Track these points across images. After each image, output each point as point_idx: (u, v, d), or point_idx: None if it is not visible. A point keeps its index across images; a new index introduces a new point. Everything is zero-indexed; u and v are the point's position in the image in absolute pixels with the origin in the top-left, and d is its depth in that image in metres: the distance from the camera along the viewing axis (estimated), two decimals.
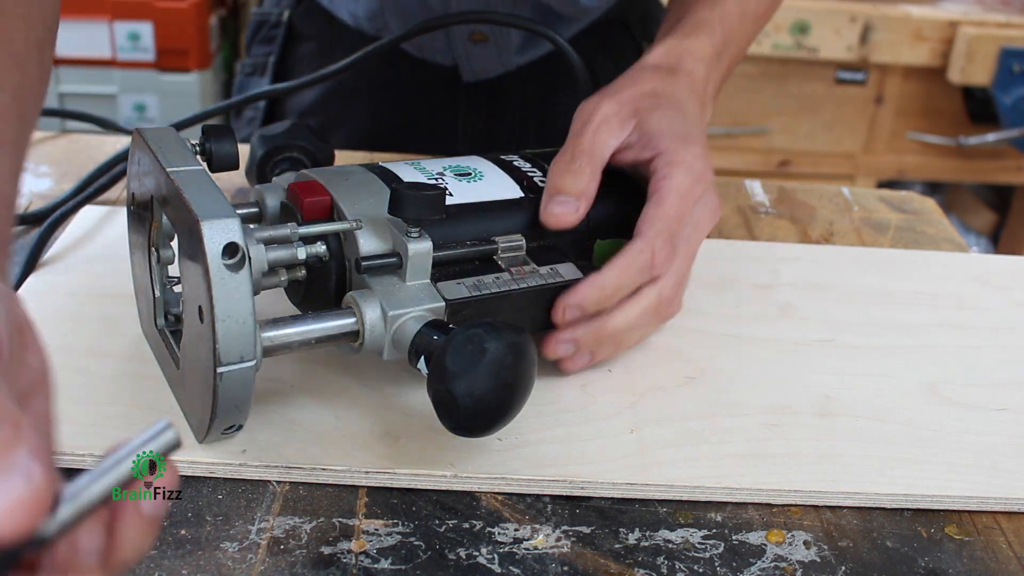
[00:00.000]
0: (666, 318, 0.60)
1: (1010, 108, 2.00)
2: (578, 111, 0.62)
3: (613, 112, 0.60)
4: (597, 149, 0.59)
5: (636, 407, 0.58)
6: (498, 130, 0.96)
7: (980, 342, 0.68)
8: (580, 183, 0.58)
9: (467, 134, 0.96)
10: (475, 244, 0.56)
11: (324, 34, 0.97)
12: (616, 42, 0.88)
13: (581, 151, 0.59)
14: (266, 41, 1.00)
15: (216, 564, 0.46)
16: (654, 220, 0.57)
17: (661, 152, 0.59)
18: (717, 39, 0.68)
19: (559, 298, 0.56)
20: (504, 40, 0.91)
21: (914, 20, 1.99)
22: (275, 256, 0.51)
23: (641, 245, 0.56)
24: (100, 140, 0.88)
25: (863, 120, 2.11)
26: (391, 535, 0.49)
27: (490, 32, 0.90)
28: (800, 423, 0.58)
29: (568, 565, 0.48)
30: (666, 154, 0.59)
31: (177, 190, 0.48)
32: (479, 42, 0.90)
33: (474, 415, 0.47)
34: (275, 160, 0.70)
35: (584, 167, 0.58)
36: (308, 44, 0.98)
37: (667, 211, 0.57)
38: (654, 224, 0.57)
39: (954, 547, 0.51)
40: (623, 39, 0.99)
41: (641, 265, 0.56)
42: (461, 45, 0.91)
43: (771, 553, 0.50)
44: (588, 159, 0.59)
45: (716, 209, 0.60)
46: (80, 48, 1.97)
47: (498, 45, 0.91)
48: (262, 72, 1.00)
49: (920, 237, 0.84)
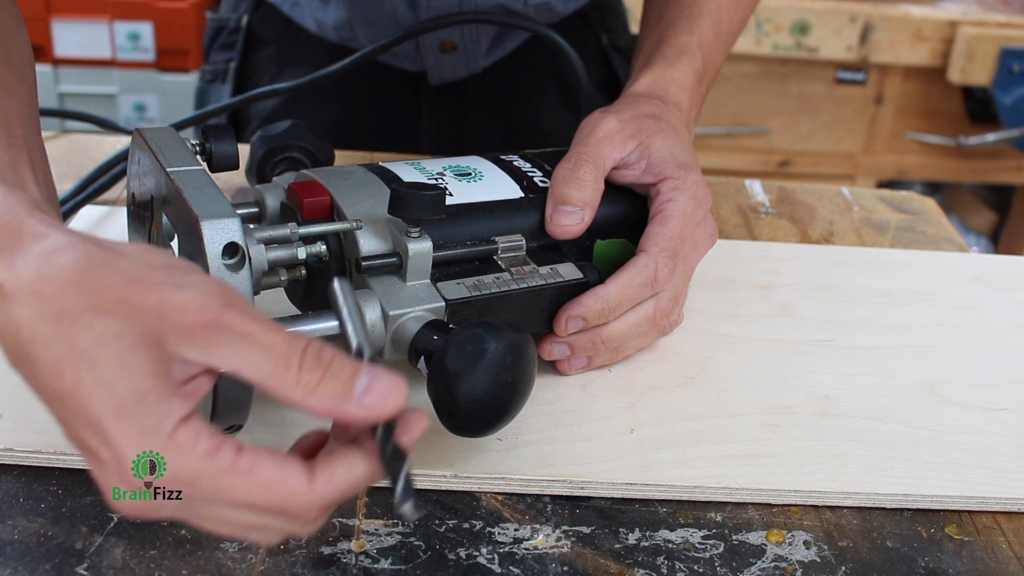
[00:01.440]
0: (664, 330, 0.61)
1: (1010, 108, 2.00)
2: (583, 123, 0.63)
3: (616, 128, 0.61)
4: (600, 160, 0.60)
5: (636, 407, 0.58)
6: (462, 129, 0.97)
7: (980, 342, 0.68)
8: (585, 193, 0.58)
9: (431, 134, 0.97)
10: (475, 244, 0.56)
11: (283, 39, 0.97)
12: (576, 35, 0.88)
13: (585, 160, 0.59)
14: (226, 47, 1.00)
15: (216, 564, 0.46)
16: (658, 238, 0.59)
17: (666, 178, 0.61)
18: (698, 65, 0.69)
19: (562, 308, 0.57)
20: (473, 48, 0.92)
21: (914, 20, 1.99)
22: (275, 256, 0.51)
23: (646, 260, 0.58)
24: (100, 140, 0.88)
25: (863, 120, 2.11)
26: (391, 535, 0.49)
27: (460, 41, 0.91)
28: (800, 423, 0.58)
29: (568, 565, 0.48)
30: (671, 180, 0.61)
31: (177, 190, 0.48)
32: (448, 51, 0.91)
33: (474, 415, 0.47)
34: (275, 160, 0.70)
35: (587, 176, 0.59)
36: (267, 49, 0.98)
37: (671, 230, 0.59)
38: (659, 242, 0.59)
39: (954, 547, 0.51)
40: (583, 32, 0.99)
41: (644, 280, 0.58)
42: (431, 55, 0.91)
43: (771, 553, 0.50)
44: (592, 169, 0.59)
45: (713, 234, 0.63)
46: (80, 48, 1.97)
47: (467, 53, 0.92)
48: (223, 79, 1.00)
49: (920, 237, 0.84)
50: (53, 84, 1.98)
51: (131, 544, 0.47)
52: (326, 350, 0.39)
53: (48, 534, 0.47)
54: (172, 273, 0.39)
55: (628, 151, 0.61)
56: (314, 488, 0.39)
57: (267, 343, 0.38)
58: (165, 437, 0.37)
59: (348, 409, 0.39)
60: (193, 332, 0.38)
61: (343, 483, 0.40)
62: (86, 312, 0.38)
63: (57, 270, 0.39)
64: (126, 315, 0.38)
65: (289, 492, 0.39)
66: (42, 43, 1.94)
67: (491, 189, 0.59)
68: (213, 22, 1.02)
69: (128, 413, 0.37)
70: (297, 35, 0.95)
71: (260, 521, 0.40)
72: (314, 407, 0.39)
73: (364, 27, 0.89)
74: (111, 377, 0.37)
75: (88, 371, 0.37)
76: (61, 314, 0.38)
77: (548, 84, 0.99)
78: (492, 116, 0.97)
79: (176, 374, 0.38)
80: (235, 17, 1.00)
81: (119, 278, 0.39)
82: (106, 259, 0.39)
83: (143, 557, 0.46)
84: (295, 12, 0.94)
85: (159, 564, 0.46)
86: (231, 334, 0.38)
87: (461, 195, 0.58)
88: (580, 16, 0.99)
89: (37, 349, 0.38)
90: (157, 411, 0.37)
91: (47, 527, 0.48)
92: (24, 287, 0.39)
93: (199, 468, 0.38)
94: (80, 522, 0.48)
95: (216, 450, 0.38)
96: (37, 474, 0.51)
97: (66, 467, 0.51)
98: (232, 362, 0.38)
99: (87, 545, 0.47)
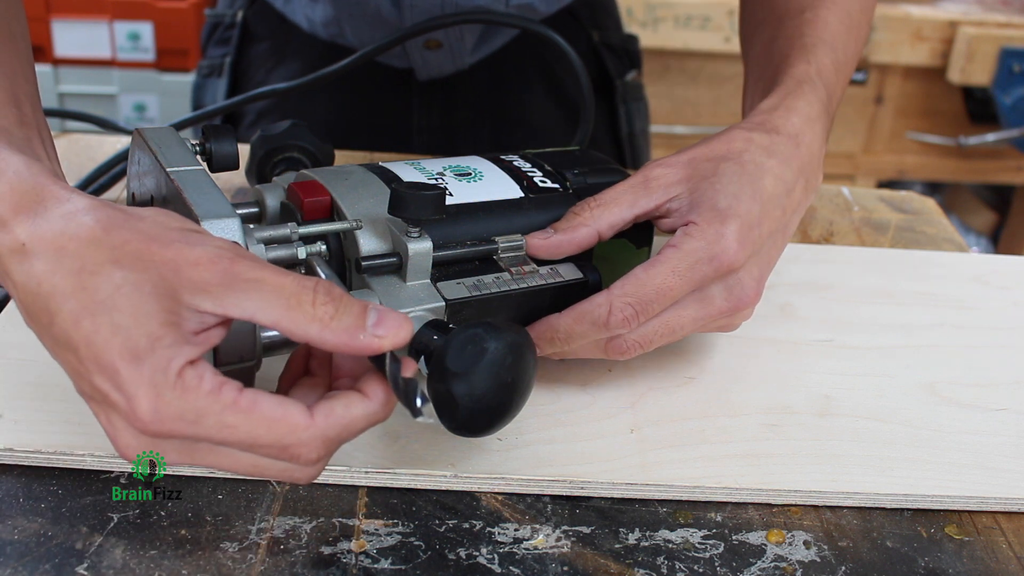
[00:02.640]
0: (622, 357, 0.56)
1: (1010, 108, 2.00)
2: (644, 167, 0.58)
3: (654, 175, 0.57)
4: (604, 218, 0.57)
5: (636, 407, 0.58)
6: (452, 126, 0.97)
7: (980, 342, 0.68)
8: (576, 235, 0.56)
9: (422, 131, 0.97)
10: (475, 244, 0.56)
11: (277, 35, 0.97)
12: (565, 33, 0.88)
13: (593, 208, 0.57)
14: (222, 42, 1.01)
15: (216, 564, 0.46)
16: (628, 285, 0.53)
17: (688, 223, 0.54)
18: (822, 95, 0.62)
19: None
20: (458, 45, 0.92)
21: (914, 20, 1.99)
22: (275, 256, 0.51)
23: (602, 300, 0.53)
24: (100, 140, 0.88)
25: (863, 120, 2.11)
26: (391, 535, 0.49)
27: (444, 39, 0.91)
28: (800, 423, 0.58)
29: (568, 565, 0.48)
30: (691, 226, 0.54)
31: (177, 190, 0.48)
32: (434, 48, 0.91)
33: (474, 415, 0.47)
34: (275, 160, 0.70)
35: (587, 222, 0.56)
36: (262, 44, 0.99)
37: (646, 283, 0.52)
38: (625, 288, 0.53)
39: (954, 547, 0.51)
40: (572, 29, 0.99)
41: (595, 320, 0.53)
42: (417, 52, 0.92)
43: (771, 553, 0.50)
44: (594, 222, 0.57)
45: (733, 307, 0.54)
46: (80, 48, 1.97)
47: (452, 51, 0.92)
48: (219, 73, 1.00)
49: (920, 237, 0.84)
50: (53, 84, 1.98)
51: (131, 544, 0.47)
52: (334, 288, 0.42)
53: (48, 534, 0.47)
54: (186, 233, 0.42)
55: (666, 199, 0.56)
56: (314, 423, 0.41)
57: (278, 285, 0.41)
58: (173, 377, 0.39)
59: (363, 340, 0.41)
60: (207, 284, 0.41)
61: (341, 419, 0.42)
62: (106, 265, 0.41)
63: (79, 229, 0.42)
64: (143, 268, 0.41)
65: (289, 427, 0.41)
66: (42, 43, 1.94)
67: (491, 189, 0.59)
68: (211, 18, 1.03)
69: (142, 356, 0.39)
70: (290, 31, 0.96)
71: (261, 462, 0.42)
72: (330, 340, 0.41)
73: (350, 24, 0.90)
74: (128, 323, 0.40)
75: (106, 318, 0.40)
76: (82, 268, 0.41)
77: (536, 80, 0.99)
78: (481, 112, 0.98)
79: (189, 324, 0.41)
80: (231, 13, 1.00)
81: (137, 236, 0.41)
82: (125, 220, 0.42)
83: (143, 557, 0.46)
84: (288, 8, 0.95)
85: (159, 564, 0.46)
86: (243, 281, 0.41)
87: (461, 195, 0.58)
88: (569, 13, 0.99)
89: (56, 301, 0.41)
90: (168, 353, 0.40)
91: (47, 527, 0.48)
92: (47, 245, 0.41)
93: (204, 405, 0.40)
94: (80, 522, 0.48)
95: (220, 388, 0.40)
96: (37, 474, 0.51)
97: (66, 467, 0.51)
98: (246, 308, 0.41)
99: (87, 545, 0.47)
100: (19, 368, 0.56)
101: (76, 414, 0.53)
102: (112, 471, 0.51)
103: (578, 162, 0.64)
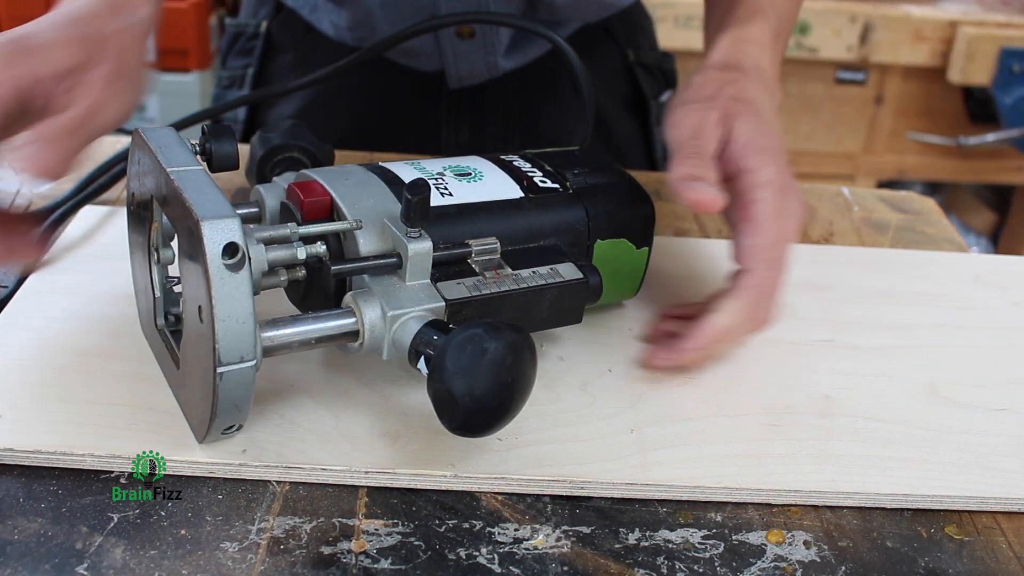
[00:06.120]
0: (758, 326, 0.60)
1: (1010, 108, 2.00)
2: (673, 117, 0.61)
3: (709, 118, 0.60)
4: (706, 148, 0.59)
5: (636, 407, 0.58)
6: (481, 140, 0.96)
7: (980, 342, 0.68)
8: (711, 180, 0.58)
9: (450, 145, 0.96)
10: (448, 247, 0.56)
11: (302, 45, 0.96)
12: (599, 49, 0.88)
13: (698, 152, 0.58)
14: (244, 53, 1.00)
15: (216, 564, 0.46)
16: (756, 251, 0.58)
17: (744, 170, 0.58)
18: (773, 22, 0.68)
19: (677, 344, 0.59)
20: (492, 36, 0.91)
21: (914, 20, 1.99)
22: (275, 256, 0.51)
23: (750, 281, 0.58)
24: (100, 140, 0.88)
25: (863, 120, 2.11)
26: (391, 535, 0.49)
27: (478, 27, 0.90)
28: (800, 423, 0.58)
29: (568, 565, 0.48)
30: (751, 173, 0.58)
31: (177, 190, 0.48)
32: (467, 38, 0.90)
33: (474, 415, 0.47)
34: (275, 160, 0.70)
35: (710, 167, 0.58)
36: (286, 55, 0.98)
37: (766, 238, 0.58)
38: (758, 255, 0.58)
39: (954, 547, 0.51)
40: (607, 46, 0.99)
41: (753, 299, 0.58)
42: (448, 43, 0.90)
43: (771, 553, 0.50)
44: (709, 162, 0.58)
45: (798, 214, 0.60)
46: None
47: (486, 41, 0.91)
48: (240, 85, 0.99)
49: (920, 237, 0.84)
50: None
51: (131, 544, 0.47)
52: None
53: (48, 534, 0.47)
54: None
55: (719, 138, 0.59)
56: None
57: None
58: None
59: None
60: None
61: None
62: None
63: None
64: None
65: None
66: None
67: (491, 189, 0.59)
68: (231, 28, 1.01)
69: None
70: (316, 41, 0.95)
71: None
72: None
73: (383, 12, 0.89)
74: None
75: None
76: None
77: (570, 97, 0.97)
78: (511, 128, 0.96)
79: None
80: (254, 23, 0.99)
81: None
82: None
83: (143, 557, 0.46)
84: (314, 17, 0.94)
85: (159, 564, 0.46)
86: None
87: (461, 195, 0.58)
88: (606, 30, 0.98)
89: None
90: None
91: (47, 527, 0.48)
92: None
93: None
94: (80, 522, 0.48)
95: None
96: (37, 474, 0.51)
97: (66, 467, 0.51)
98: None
99: (87, 545, 0.47)
100: (19, 368, 0.56)
101: (76, 414, 0.53)
102: (112, 471, 0.51)
103: (578, 162, 0.64)
